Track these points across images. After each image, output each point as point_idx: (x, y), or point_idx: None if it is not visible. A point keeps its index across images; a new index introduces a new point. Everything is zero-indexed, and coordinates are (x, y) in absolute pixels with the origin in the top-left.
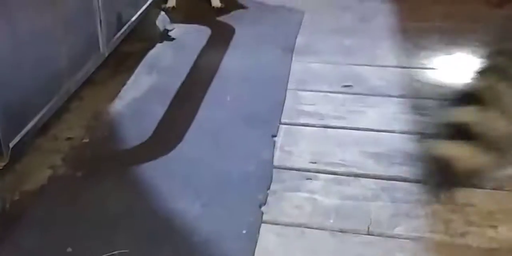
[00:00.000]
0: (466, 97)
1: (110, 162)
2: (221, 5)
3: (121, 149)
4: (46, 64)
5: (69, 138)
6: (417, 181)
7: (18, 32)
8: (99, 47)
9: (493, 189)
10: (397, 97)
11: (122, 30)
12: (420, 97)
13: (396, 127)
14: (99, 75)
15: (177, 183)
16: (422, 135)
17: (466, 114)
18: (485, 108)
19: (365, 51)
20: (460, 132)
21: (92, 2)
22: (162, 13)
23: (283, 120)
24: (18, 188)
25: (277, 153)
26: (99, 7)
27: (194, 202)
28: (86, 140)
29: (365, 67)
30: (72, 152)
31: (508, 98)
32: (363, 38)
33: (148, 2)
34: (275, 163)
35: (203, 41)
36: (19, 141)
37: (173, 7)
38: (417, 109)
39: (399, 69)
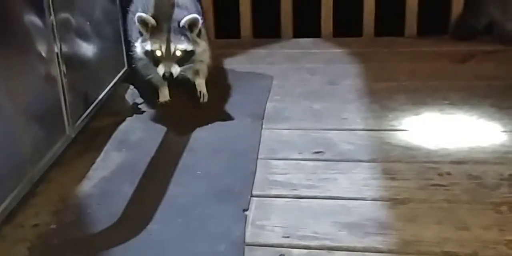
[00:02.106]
0: None
1: (78, 249)
2: (206, 93)
3: (89, 233)
4: (8, 152)
5: (35, 225)
6: (390, 252)
7: None
8: (65, 129)
9: None
10: (367, 161)
11: (89, 109)
12: (390, 161)
13: (367, 193)
14: (66, 155)
15: None
16: None
17: None
18: None
19: (333, 114)
20: None
21: (56, 85)
22: (131, 87)
23: (254, 193)
24: None
25: (249, 229)
26: (63, 89)
27: None
28: (53, 226)
29: (335, 131)
30: (38, 240)
31: None
32: (332, 101)
33: (117, 78)
34: (247, 239)
35: (174, 114)
36: None
37: (168, 101)
38: (387, 174)
39: (368, 132)
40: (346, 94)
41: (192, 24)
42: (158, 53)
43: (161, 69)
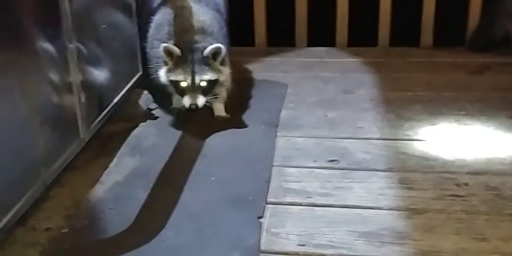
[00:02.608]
0: None
1: (90, 253)
2: (226, 116)
3: (101, 238)
4: (22, 155)
5: (47, 229)
6: None
7: None
8: (79, 133)
9: None
10: (383, 170)
11: (104, 113)
12: (407, 171)
13: (384, 203)
14: (80, 159)
15: None
16: None
17: None
18: None
19: (348, 123)
20: None
21: (71, 88)
22: (145, 92)
23: (269, 200)
24: None
25: (263, 236)
26: (78, 93)
27: None
28: (65, 230)
29: (350, 140)
30: (50, 244)
31: None
32: (346, 110)
33: (131, 83)
34: (262, 247)
35: (187, 120)
36: None
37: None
38: (404, 183)
39: (383, 141)
40: (361, 103)
41: (215, 54)
42: (184, 84)
43: (187, 101)
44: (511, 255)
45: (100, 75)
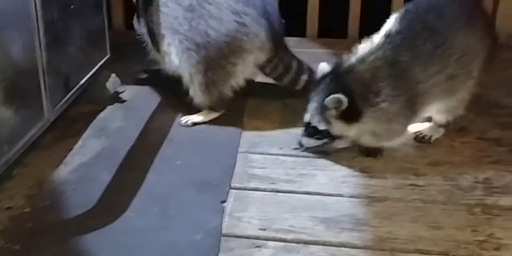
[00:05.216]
0: None
1: (51, 233)
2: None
3: (64, 218)
4: None
5: (8, 208)
6: (365, 248)
7: None
8: (43, 113)
9: None
10: (346, 159)
11: (69, 94)
12: (369, 160)
13: (345, 190)
14: (44, 139)
15: (121, 254)
16: None
17: None
18: None
19: None
20: None
21: (36, 67)
22: (113, 75)
23: (233, 185)
24: None
25: (226, 220)
26: (44, 71)
27: None
28: (27, 210)
29: None
30: (11, 223)
31: None
32: None
33: (98, 65)
34: (224, 230)
35: (155, 103)
36: None
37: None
38: (365, 172)
39: None
40: None
41: None
42: None
43: None
44: (464, 243)
45: (66, 56)
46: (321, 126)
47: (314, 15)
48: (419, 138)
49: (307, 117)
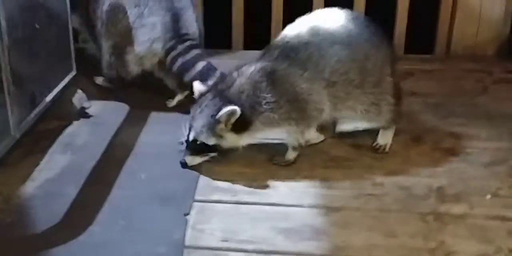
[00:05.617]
0: None
1: (18, 248)
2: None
3: (30, 233)
4: None
5: None
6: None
7: None
8: (9, 130)
9: None
10: (307, 171)
11: (36, 111)
12: (329, 171)
13: (305, 201)
14: (11, 156)
15: None
16: None
17: None
18: None
19: None
20: None
21: (1, 84)
22: (79, 91)
23: (196, 197)
24: None
25: (189, 232)
26: (9, 90)
27: None
28: None
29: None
30: None
31: None
32: None
33: (64, 82)
34: (187, 242)
35: (121, 118)
36: None
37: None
38: (325, 182)
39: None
40: None
41: None
42: None
43: None
44: (416, 250)
45: (32, 73)
46: (211, 142)
47: (279, 28)
48: (376, 149)
49: (191, 135)
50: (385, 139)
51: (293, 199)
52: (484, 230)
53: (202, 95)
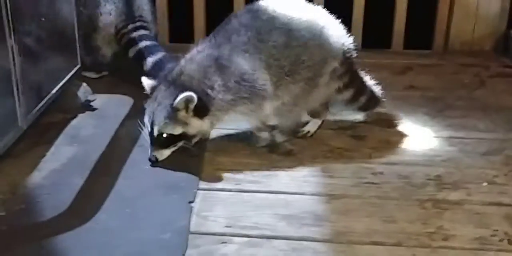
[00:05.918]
0: None
1: (26, 235)
2: None
3: (38, 221)
4: None
5: None
6: (324, 241)
7: None
8: (17, 121)
9: None
10: (308, 160)
11: (42, 103)
12: (329, 161)
13: (306, 189)
14: (17, 147)
15: (93, 253)
16: None
17: None
18: None
19: None
20: None
21: (10, 76)
22: (84, 84)
23: (200, 186)
24: None
25: (193, 219)
26: (17, 81)
27: None
28: (2, 214)
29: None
30: None
31: None
32: None
33: (70, 74)
34: (191, 229)
35: (125, 111)
36: None
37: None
38: (326, 172)
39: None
40: None
41: None
42: None
43: None
44: (415, 235)
45: (39, 66)
46: (178, 131)
47: None
48: (302, 135)
49: (155, 130)
50: (311, 127)
51: (294, 187)
52: (480, 215)
53: (154, 88)
